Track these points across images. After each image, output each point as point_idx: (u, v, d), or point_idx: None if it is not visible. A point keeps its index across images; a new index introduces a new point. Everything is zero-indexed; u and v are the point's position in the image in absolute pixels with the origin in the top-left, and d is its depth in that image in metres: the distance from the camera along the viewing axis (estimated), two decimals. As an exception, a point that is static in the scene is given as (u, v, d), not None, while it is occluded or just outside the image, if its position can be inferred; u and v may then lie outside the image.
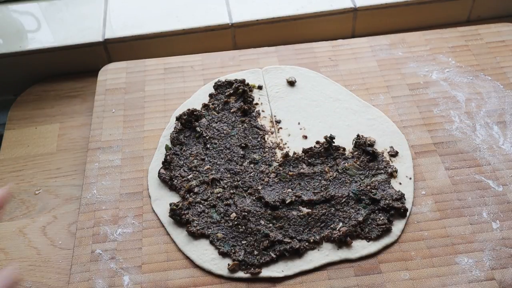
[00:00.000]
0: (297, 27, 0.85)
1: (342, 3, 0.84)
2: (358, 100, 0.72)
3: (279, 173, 0.64)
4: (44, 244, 0.63)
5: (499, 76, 0.74)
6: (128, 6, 0.87)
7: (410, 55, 0.78)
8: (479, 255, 0.56)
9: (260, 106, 0.72)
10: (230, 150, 0.66)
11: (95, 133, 0.71)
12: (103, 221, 0.62)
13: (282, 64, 0.78)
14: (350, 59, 0.78)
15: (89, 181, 0.65)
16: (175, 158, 0.66)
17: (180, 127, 0.69)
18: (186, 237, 0.59)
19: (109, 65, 0.80)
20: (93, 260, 0.58)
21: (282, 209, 0.60)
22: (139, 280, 0.56)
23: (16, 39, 0.82)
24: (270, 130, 0.69)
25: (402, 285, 0.55)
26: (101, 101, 0.75)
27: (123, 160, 0.68)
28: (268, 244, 0.57)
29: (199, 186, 0.63)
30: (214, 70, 0.78)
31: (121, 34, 0.82)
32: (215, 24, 0.83)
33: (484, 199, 0.61)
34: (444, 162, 0.65)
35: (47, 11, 0.87)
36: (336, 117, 0.70)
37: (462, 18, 0.89)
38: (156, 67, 0.79)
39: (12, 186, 0.69)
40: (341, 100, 0.72)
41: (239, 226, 0.59)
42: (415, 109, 0.71)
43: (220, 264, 0.57)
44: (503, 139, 0.67)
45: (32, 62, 0.82)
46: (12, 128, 0.76)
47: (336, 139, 0.67)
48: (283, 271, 0.56)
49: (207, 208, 0.61)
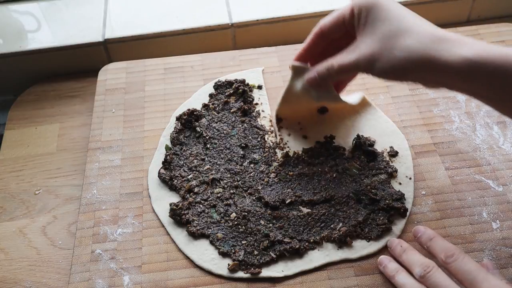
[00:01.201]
0: (297, 27, 0.85)
1: (342, 3, 0.84)
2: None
3: (279, 173, 0.64)
4: (44, 244, 0.63)
5: (499, 76, 0.74)
6: (128, 6, 0.87)
7: (410, 55, 0.78)
8: (479, 255, 0.56)
9: (260, 106, 0.72)
10: (230, 150, 0.66)
11: (95, 133, 0.71)
12: (103, 221, 0.62)
13: (282, 64, 0.78)
14: (350, 59, 0.78)
15: (89, 181, 0.66)
16: (175, 158, 0.66)
17: (180, 127, 0.69)
18: (186, 237, 0.59)
19: (109, 65, 0.80)
20: (93, 260, 0.58)
21: (282, 209, 0.60)
22: (139, 280, 0.56)
23: (16, 39, 0.82)
24: (270, 129, 0.69)
25: (402, 285, 0.55)
26: (101, 101, 0.75)
27: (123, 160, 0.68)
28: (268, 244, 0.57)
29: (199, 186, 0.63)
30: (214, 70, 0.78)
31: (121, 34, 0.82)
32: (215, 24, 0.82)
33: (484, 199, 0.61)
34: (444, 162, 0.65)
35: (47, 11, 0.87)
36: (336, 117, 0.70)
37: (462, 18, 0.89)
38: (156, 67, 0.79)
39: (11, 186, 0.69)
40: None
41: (239, 226, 0.59)
42: (415, 109, 0.71)
43: (220, 264, 0.57)
44: (503, 139, 0.67)
45: (32, 62, 0.82)
46: (12, 128, 0.76)
47: (336, 139, 0.67)
48: (283, 271, 0.56)
49: (207, 208, 0.61)
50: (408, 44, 0.49)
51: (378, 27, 0.52)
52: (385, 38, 0.51)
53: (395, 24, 0.51)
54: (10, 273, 0.60)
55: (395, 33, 0.50)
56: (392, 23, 0.51)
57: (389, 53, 0.50)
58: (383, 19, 0.52)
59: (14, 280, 0.60)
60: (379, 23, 0.52)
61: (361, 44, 0.53)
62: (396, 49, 0.50)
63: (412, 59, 0.49)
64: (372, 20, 0.52)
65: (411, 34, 0.50)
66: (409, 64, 0.49)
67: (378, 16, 0.52)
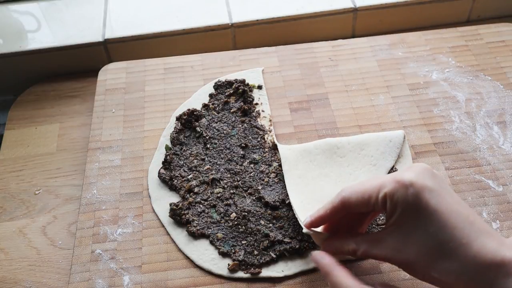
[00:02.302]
0: (297, 27, 0.85)
1: (342, 3, 0.84)
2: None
3: (279, 173, 0.64)
4: (44, 244, 0.63)
5: (499, 76, 0.74)
6: (128, 6, 0.87)
7: (410, 55, 0.78)
8: (479, 255, 0.56)
9: (260, 106, 0.72)
10: (230, 150, 0.66)
11: (95, 133, 0.71)
12: (103, 221, 0.62)
13: (282, 64, 0.78)
14: (350, 59, 0.78)
15: (89, 181, 0.66)
16: (175, 158, 0.66)
17: (180, 127, 0.69)
18: (186, 237, 0.59)
19: (109, 65, 0.80)
20: (93, 260, 0.58)
21: (282, 209, 0.60)
22: (139, 280, 0.56)
23: (16, 39, 0.82)
24: (269, 129, 0.69)
25: (402, 285, 0.54)
26: (101, 101, 0.75)
27: (123, 160, 0.68)
28: (268, 244, 0.57)
29: (199, 186, 0.63)
30: (214, 70, 0.78)
31: (121, 34, 0.82)
32: (215, 24, 0.83)
33: (484, 199, 0.61)
34: (444, 162, 0.65)
35: (47, 11, 0.87)
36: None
37: (462, 18, 0.89)
38: (156, 67, 0.79)
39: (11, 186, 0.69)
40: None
41: (239, 226, 0.59)
42: (415, 109, 0.71)
43: (220, 264, 0.57)
44: (503, 139, 0.67)
45: (32, 62, 0.82)
46: (12, 128, 0.76)
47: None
48: (283, 271, 0.56)
49: (207, 208, 0.61)
50: (447, 268, 0.40)
51: (412, 234, 0.42)
52: (420, 252, 0.42)
53: (434, 238, 0.41)
54: (10, 273, 0.60)
55: (433, 250, 0.41)
56: (430, 236, 0.41)
57: (424, 269, 0.42)
58: (420, 228, 0.41)
59: (14, 280, 0.60)
60: (414, 231, 0.42)
61: (390, 241, 0.44)
62: (433, 269, 0.41)
63: (450, 284, 0.41)
64: (408, 222, 0.42)
65: (452, 256, 0.40)
66: (447, 286, 0.42)
67: (414, 221, 0.42)
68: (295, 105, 0.73)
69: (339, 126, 0.70)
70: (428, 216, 0.41)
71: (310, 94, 0.74)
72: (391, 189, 0.43)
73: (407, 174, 0.43)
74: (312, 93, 0.74)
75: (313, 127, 0.70)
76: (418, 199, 0.41)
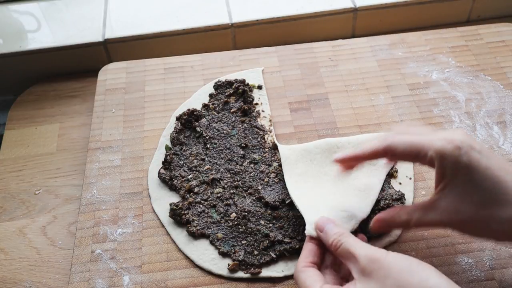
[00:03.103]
0: (297, 27, 0.85)
1: (342, 3, 0.84)
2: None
3: (279, 173, 0.64)
4: (44, 244, 0.63)
5: (499, 76, 0.74)
6: (128, 6, 0.87)
7: (410, 55, 0.78)
8: (479, 255, 0.56)
9: (260, 106, 0.72)
10: (230, 150, 0.66)
11: (95, 133, 0.71)
12: (103, 221, 0.62)
13: (282, 64, 0.78)
14: (350, 59, 0.78)
15: (89, 181, 0.66)
16: (175, 158, 0.66)
17: (180, 127, 0.69)
18: (186, 237, 0.59)
19: (109, 65, 0.80)
20: (93, 260, 0.58)
21: (282, 209, 0.60)
22: (139, 280, 0.56)
23: (16, 39, 0.82)
24: (269, 129, 0.69)
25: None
26: (101, 101, 0.75)
27: (123, 160, 0.68)
28: (268, 244, 0.57)
29: (199, 186, 0.63)
30: (214, 70, 0.78)
31: (121, 34, 0.82)
32: (215, 24, 0.83)
33: (484, 199, 0.61)
34: (444, 162, 0.65)
35: (47, 11, 0.87)
36: None
37: (462, 18, 0.89)
38: (156, 67, 0.79)
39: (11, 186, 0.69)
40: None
41: (239, 226, 0.59)
42: (415, 109, 0.71)
43: (220, 264, 0.57)
44: (503, 139, 0.67)
45: (32, 62, 0.82)
46: (12, 128, 0.76)
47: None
48: (283, 271, 0.56)
49: (207, 208, 0.61)
50: (508, 216, 0.42)
51: (467, 192, 0.44)
52: (478, 208, 0.43)
53: (491, 191, 0.43)
54: (10, 273, 0.60)
55: (490, 203, 0.43)
56: (486, 190, 0.43)
57: (483, 224, 0.44)
58: (476, 184, 0.43)
59: (14, 280, 0.60)
60: (469, 188, 0.44)
61: (445, 204, 0.45)
62: (493, 221, 0.43)
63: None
64: (462, 182, 0.44)
65: (510, 204, 0.43)
66: (505, 236, 0.44)
67: (469, 179, 0.44)
68: (295, 105, 0.73)
69: (339, 126, 0.70)
70: (482, 173, 0.43)
71: (310, 94, 0.74)
72: (442, 148, 0.44)
73: (457, 135, 0.45)
74: (312, 93, 0.74)
75: (313, 127, 0.70)
76: (470, 158, 0.43)
